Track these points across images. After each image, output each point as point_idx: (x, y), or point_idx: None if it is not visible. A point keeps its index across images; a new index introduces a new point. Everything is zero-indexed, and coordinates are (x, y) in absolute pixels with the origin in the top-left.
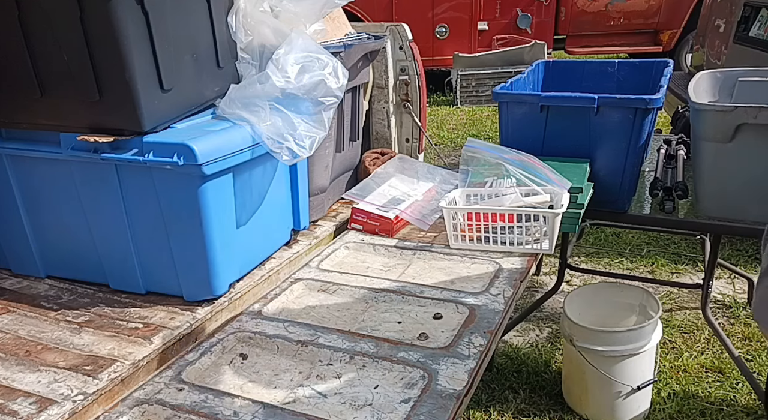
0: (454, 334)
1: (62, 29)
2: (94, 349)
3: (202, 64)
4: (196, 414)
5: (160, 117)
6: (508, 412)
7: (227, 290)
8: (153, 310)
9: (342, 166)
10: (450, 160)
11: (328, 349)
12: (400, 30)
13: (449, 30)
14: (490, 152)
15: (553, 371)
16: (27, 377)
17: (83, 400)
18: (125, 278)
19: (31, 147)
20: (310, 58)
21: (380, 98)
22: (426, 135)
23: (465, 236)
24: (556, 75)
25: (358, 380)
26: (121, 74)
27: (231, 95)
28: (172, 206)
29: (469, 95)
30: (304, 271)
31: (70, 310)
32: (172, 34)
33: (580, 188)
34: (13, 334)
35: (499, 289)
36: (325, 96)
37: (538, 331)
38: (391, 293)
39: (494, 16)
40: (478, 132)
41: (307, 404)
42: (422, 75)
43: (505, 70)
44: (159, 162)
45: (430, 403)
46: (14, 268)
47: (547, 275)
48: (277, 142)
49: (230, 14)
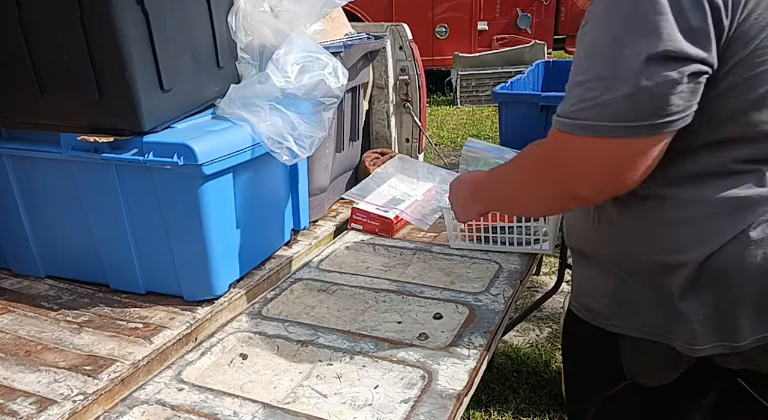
0: (454, 334)
1: (62, 29)
2: (94, 349)
3: (202, 64)
4: (196, 414)
5: (160, 117)
6: (508, 412)
7: (227, 290)
8: (153, 310)
9: (342, 166)
10: (450, 160)
11: (328, 349)
12: (400, 30)
13: (449, 30)
14: (490, 152)
15: (553, 371)
16: (27, 377)
17: (83, 400)
18: (125, 278)
19: (31, 147)
20: (310, 58)
21: (380, 98)
22: (426, 135)
23: (465, 236)
24: (556, 75)
25: (358, 380)
26: (121, 74)
27: (231, 95)
28: (172, 206)
29: (469, 95)
30: (304, 271)
31: (70, 310)
32: (172, 34)
33: None
34: (13, 334)
35: (499, 289)
36: (325, 96)
37: (538, 331)
38: (391, 293)
39: (494, 16)
40: (478, 132)
41: (307, 404)
42: (422, 75)
43: (505, 70)
44: (159, 162)
45: (430, 403)
46: (14, 268)
47: (547, 275)
48: (277, 142)
49: (230, 14)
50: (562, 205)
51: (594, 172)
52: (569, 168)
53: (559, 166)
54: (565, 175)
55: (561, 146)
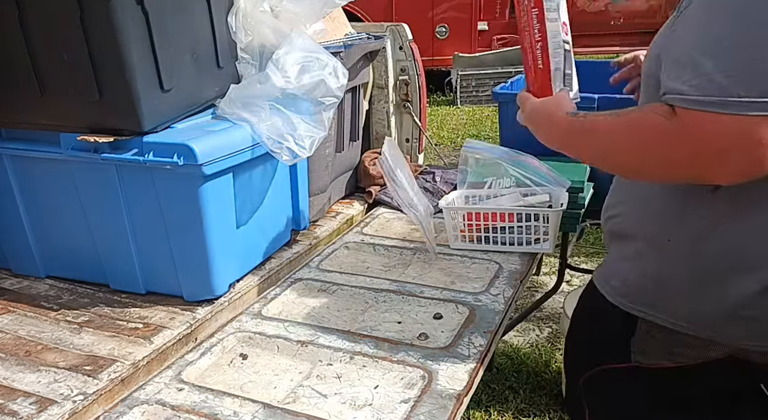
0: (454, 334)
1: (62, 29)
2: (94, 349)
3: (202, 64)
4: (196, 414)
5: (160, 117)
6: (508, 412)
7: (227, 290)
8: (153, 310)
9: (342, 166)
10: (450, 160)
11: (328, 349)
12: (400, 30)
13: (449, 30)
14: (490, 152)
15: (553, 371)
16: (27, 377)
17: (83, 400)
18: (125, 278)
19: (31, 147)
20: (310, 58)
21: (380, 98)
22: (426, 135)
23: (465, 236)
24: None
25: (358, 380)
26: (121, 74)
27: (231, 95)
28: (172, 206)
29: (469, 95)
30: (304, 271)
31: (70, 310)
32: (172, 34)
33: (580, 188)
34: (13, 334)
35: (499, 289)
36: (325, 96)
37: (538, 331)
38: (391, 293)
39: (494, 16)
40: (478, 132)
41: (307, 404)
42: (422, 75)
43: (505, 70)
44: (159, 162)
45: (430, 403)
46: (14, 268)
47: (547, 275)
48: (277, 142)
49: (230, 14)
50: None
51: (735, 156)
52: (703, 153)
53: (688, 149)
54: (696, 160)
55: (689, 127)
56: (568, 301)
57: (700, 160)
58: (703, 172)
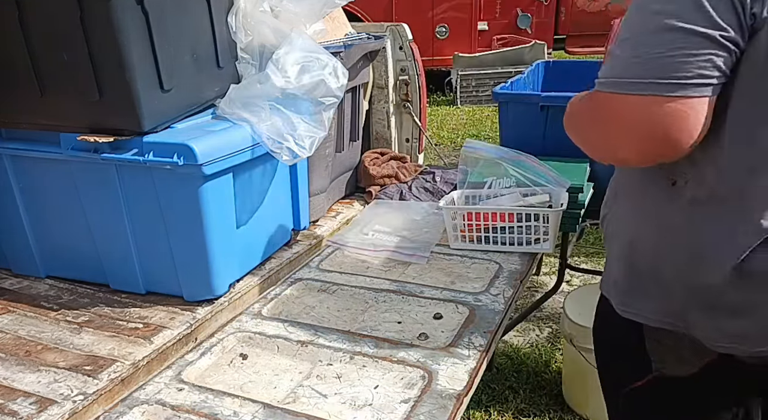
0: (454, 334)
1: (62, 29)
2: (94, 349)
3: (202, 64)
4: (196, 414)
5: (160, 117)
6: (508, 412)
7: (227, 290)
8: (153, 310)
9: (342, 166)
10: (450, 160)
11: (328, 349)
12: (400, 30)
13: (449, 30)
14: (490, 152)
15: (553, 371)
16: (27, 377)
17: (83, 400)
18: (125, 278)
19: (31, 147)
20: (310, 58)
21: (380, 98)
22: (426, 135)
23: (465, 236)
24: (556, 75)
25: (358, 380)
26: (121, 74)
27: (231, 95)
28: (172, 206)
29: (469, 95)
30: (304, 271)
31: (70, 310)
32: (172, 34)
33: (580, 188)
34: (13, 334)
35: (499, 289)
36: (325, 96)
37: (538, 331)
38: (391, 293)
39: (494, 16)
40: (478, 132)
41: (307, 404)
42: (422, 75)
43: (505, 70)
44: (159, 162)
45: (430, 403)
46: (14, 268)
47: (547, 275)
48: (277, 142)
49: (230, 14)
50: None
51: (633, 132)
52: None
53: (599, 126)
54: (606, 137)
55: (598, 105)
56: (568, 301)
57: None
58: (614, 150)
